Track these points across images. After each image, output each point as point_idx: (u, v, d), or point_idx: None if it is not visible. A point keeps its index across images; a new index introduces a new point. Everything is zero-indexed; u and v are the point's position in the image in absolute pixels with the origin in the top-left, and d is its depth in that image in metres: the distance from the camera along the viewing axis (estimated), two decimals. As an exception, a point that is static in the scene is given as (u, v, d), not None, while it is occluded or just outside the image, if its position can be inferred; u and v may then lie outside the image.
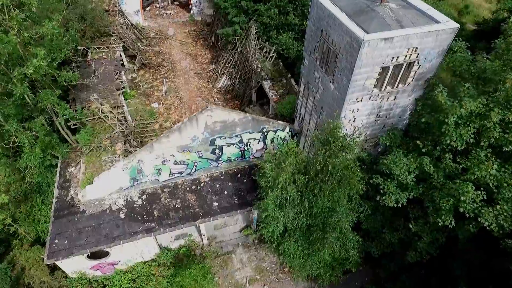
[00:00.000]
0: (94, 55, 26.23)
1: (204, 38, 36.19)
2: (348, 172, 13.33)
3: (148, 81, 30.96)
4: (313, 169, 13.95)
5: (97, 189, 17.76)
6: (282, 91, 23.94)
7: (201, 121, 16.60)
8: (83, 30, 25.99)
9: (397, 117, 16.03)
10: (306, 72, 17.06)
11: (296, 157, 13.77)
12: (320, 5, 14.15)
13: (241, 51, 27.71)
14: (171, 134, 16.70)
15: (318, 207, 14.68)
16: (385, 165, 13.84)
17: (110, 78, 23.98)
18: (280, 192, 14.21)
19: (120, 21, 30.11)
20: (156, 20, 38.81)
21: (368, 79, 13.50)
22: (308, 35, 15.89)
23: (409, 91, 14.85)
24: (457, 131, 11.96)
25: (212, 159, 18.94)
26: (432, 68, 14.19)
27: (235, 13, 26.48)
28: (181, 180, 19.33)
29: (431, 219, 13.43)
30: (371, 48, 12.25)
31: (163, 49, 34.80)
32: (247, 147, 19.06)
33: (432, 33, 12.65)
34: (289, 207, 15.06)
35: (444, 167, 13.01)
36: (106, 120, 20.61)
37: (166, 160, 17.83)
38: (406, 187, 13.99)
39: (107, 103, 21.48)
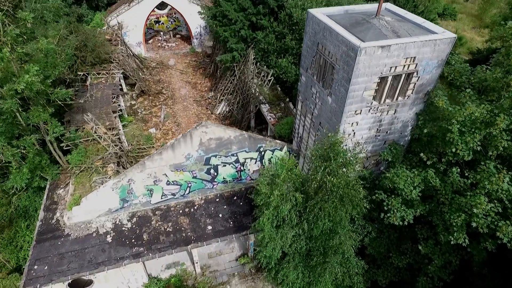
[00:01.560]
0: (94, 80, 26.38)
1: (204, 68, 36.79)
2: (350, 190, 12.46)
3: (146, 108, 30.93)
4: (312, 187, 13.09)
5: (84, 211, 16.77)
6: (280, 114, 23.64)
7: (196, 138, 16.03)
8: (84, 57, 26.38)
9: (398, 133, 15.44)
10: (303, 88, 16.78)
11: (291, 172, 12.96)
12: (315, 19, 14.17)
13: (239, 77, 27.89)
14: (164, 151, 16.06)
15: (318, 228, 13.61)
16: (387, 179, 13.00)
17: (107, 101, 23.85)
18: (274, 211, 13.24)
19: (121, 49, 30.71)
20: (158, 52, 39.80)
21: (367, 90, 13.11)
22: (304, 51, 15.81)
23: (410, 104, 14.40)
24: (462, 138, 11.28)
25: (207, 180, 18.11)
26: (432, 81, 13.86)
27: (234, 41, 26.98)
28: (174, 203, 18.34)
29: (441, 238, 12.32)
30: (368, 56, 11.98)
31: (163, 78, 35.24)
32: (243, 167, 18.30)
33: (430, 43, 12.45)
34: (287, 227, 13.99)
35: (452, 181, 12.16)
36: (100, 141, 20.08)
37: (158, 180, 17.02)
38: (411, 204, 13.03)
39: (102, 125, 21.10)
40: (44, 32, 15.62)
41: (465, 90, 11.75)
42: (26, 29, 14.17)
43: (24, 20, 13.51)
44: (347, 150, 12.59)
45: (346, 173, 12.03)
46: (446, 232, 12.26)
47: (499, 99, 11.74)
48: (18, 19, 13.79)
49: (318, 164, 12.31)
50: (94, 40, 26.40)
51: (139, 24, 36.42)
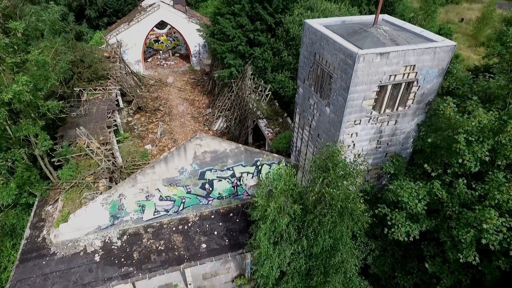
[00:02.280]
0: (90, 96, 26.11)
1: (202, 85, 36.77)
2: (349, 203, 11.74)
3: (143, 124, 30.55)
4: (310, 200, 12.39)
5: (72, 228, 15.95)
6: (278, 129, 23.19)
7: (190, 151, 15.47)
8: (81, 72, 26.25)
9: (400, 145, 14.90)
10: (301, 100, 16.39)
11: (289, 182, 12.28)
12: (312, 29, 13.95)
13: (237, 92, 27.67)
14: (157, 165, 15.44)
15: (318, 245, 12.78)
16: (391, 192, 12.31)
17: (102, 116, 23.46)
18: (271, 225, 12.46)
19: (119, 66, 30.69)
20: (157, 70, 39.93)
21: (366, 99, 12.68)
22: (302, 62, 15.53)
23: (410, 115, 13.94)
24: (470, 149, 10.70)
25: (201, 196, 17.38)
26: (433, 90, 13.46)
27: (232, 57, 26.97)
28: (167, 220, 17.53)
29: (450, 256, 11.50)
30: (367, 63, 11.62)
31: (161, 95, 35.10)
32: (240, 182, 17.62)
33: (429, 51, 12.13)
34: (285, 244, 13.16)
35: (458, 194, 11.49)
36: (92, 156, 19.49)
37: (150, 195, 16.30)
38: (417, 219, 12.28)
39: (96, 139, 20.58)
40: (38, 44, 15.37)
41: (470, 98, 11.28)
42: (18, 39, 13.92)
43: (14, 30, 13.26)
44: (347, 161, 11.98)
45: (346, 186, 11.35)
46: (455, 249, 11.46)
47: (505, 107, 11.26)
48: (9, 29, 13.53)
49: (316, 175, 11.66)
50: (92, 56, 26.37)
51: (138, 42, 36.70)
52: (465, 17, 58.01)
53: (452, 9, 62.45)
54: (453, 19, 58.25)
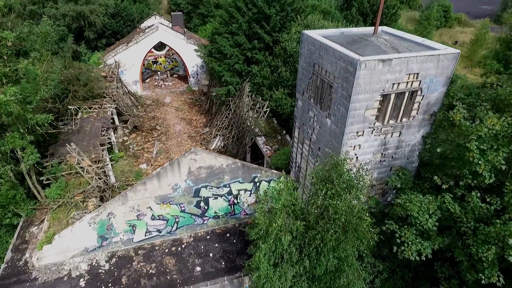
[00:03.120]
0: (85, 114, 25.59)
1: (200, 105, 36.47)
2: (354, 217, 10.86)
3: (139, 143, 29.86)
4: (312, 214, 11.51)
5: (56, 250, 14.86)
6: (276, 146, 22.51)
7: (184, 166, 14.68)
8: (76, 91, 25.87)
9: (405, 159, 14.18)
10: (300, 113, 15.82)
11: (291, 196, 11.43)
12: (311, 39, 13.61)
13: (234, 110, 27.23)
14: (149, 181, 14.61)
15: (322, 266, 11.75)
16: (399, 206, 11.45)
17: (96, 134, 22.81)
18: (273, 244, 11.48)
19: (116, 85, 30.42)
20: (154, 90, 39.77)
21: (368, 108, 12.09)
22: (300, 74, 15.10)
23: (415, 126, 13.33)
24: (484, 157, 9.98)
25: (196, 215, 16.40)
26: (438, 100, 12.92)
27: (229, 75, 26.77)
28: (159, 241, 16.44)
29: (468, 277, 10.47)
30: (369, 71, 11.13)
31: (158, 115, 34.67)
32: (237, 200, 16.70)
33: (433, 58, 11.69)
34: (286, 265, 12.10)
35: (472, 208, 10.64)
36: (82, 174, 18.64)
37: (142, 214, 15.33)
38: (428, 236, 11.34)
39: (88, 157, 19.80)
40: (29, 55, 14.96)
41: (480, 105, 10.71)
42: (7, 49, 13.51)
43: (4, 39, 12.85)
44: (351, 173, 11.20)
45: (350, 198, 10.52)
46: (473, 269, 10.46)
47: (516, 115, 10.65)
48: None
49: (318, 187, 10.84)
50: (88, 74, 26.09)
51: (136, 63, 36.73)
52: (459, 40, 59.05)
53: (445, 32, 63.72)
54: (447, 42, 59.23)
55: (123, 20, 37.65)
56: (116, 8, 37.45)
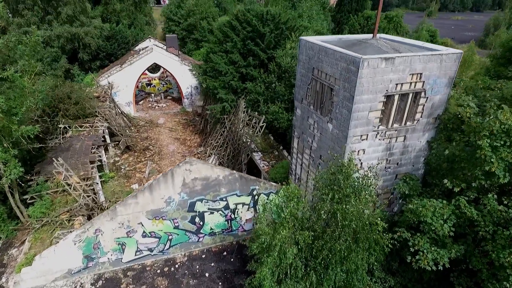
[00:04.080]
0: (75, 132, 24.78)
1: (194, 125, 35.94)
2: (366, 222, 10.01)
3: (131, 164, 28.85)
4: (319, 222, 10.65)
5: (37, 272, 13.54)
6: (274, 162, 21.80)
7: (178, 178, 13.82)
8: (67, 109, 25.21)
9: (411, 165, 13.57)
10: (299, 122, 15.29)
11: (299, 204, 10.57)
12: (309, 44, 13.35)
13: (230, 127, 26.70)
14: (140, 194, 13.66)
15: (330, 280, 10.74)
16: (411, 212, 10.66)
17: (85, 151, 21.90)
18: (278, 258, 10.48)
19: (109, 105, 29.86)
20: (148, 112, 39.27)
21: (372, 110, 11.60)
22: (298, 81, 14.73)
23: (420, 130, 12.84)
24: (497, 154, 9.41)
25: (191, 231, 15.32)
26: (442, 102, 12.55)
27: (224, 93, 26.52)
28: (150, 261, 15.20)
29: (489, 287, 9.54)
30: (372, 69, 10.74)
31: (151, 135, 33.94)
32: (234, 215, 15.72)
33: (436, 58, 11.41)
34: (291, 282, 11.03)
35: (489, 211, 9.92)
36: (70, 191, 17.56)
37: (132, 230, 14.23)
38: (443, 244, 10.49)
39: (76, 174, 18.78)
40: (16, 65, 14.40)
41: (490, 100, 10.29)
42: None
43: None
44: (358, 176, 10.48)
45: (359, 203, 9.73)
46: (494, 278, 9.57)
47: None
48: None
49: (324, 192, 10.05)
50: (79, 92, 25.56)
51: (130, 84, 36.43)
52: (448, 62, 60.47)
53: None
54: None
55: (118, 42, 37.80)
56: (111, 31, 37.67)
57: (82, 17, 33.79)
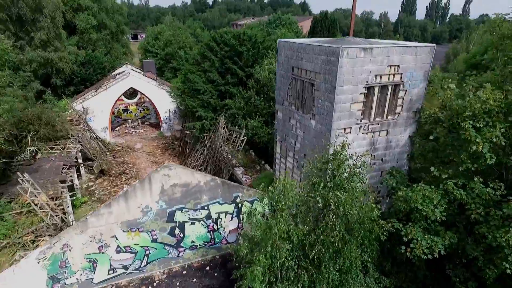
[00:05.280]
0: (46, 155, 23.36)
1: (173, 148, 35.06)
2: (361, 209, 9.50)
3: (106, 188, 27.31)
4: (310, 215, 10.06)
5: (-8, 299, 11.86)
6: (256, 176, 21.23)
7: (156, 184, 12.96)
8: (37, 130, 23.91)
9: (395, 162, 13.45)
10: (281, 125, 15.05)
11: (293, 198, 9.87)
12: (288, 44, 13.47)
13: (210, 145, 26.11)
14: (115, 203, 12.62)
15: (323, 281, 9.96)
16: (400, 199, 10.31)
17: (56, 171, 20.52)
18: (270, 256, 9.64)
19: (82, 128, 28.71)
20: (125, 137, 38.13)
21: (354, 102, 11.56)
22: (278, 83, 14.69)
23: (402, 125, 12.88)
24: (482, 134, 9.39)
25: (170, 245, 14.17)
26: (419, 97, 12.77)
27: (204, 111, 26.25)
28: (125, 280, 13.78)
29: (488, 273, 9.11)
30: (351, 59, 10.83)
31: (127, 160, 32.64)
32: (217, 225, 14.78)
33: (411, 50, 11.72)
34: (282, 285, 10.13)
35: (478, 194, 9.74)
36: (37, 210, 16.08)
37: (105, 245, 12.97)
38: (436, 231, 10.10)
39: (45, 193, 17.36)
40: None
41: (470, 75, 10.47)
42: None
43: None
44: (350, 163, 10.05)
45: (353, 189, 9.29)
46: (492, 264, 9.19)
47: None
48: None
49: (316, 181, 9.55)
50: (50, 113, 24.46)
51: (106, 109, 35.52)
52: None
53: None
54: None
55: (93, 68, 37.28)
56: (86, 57, 37.24)
57: (56, 42, 33.29)
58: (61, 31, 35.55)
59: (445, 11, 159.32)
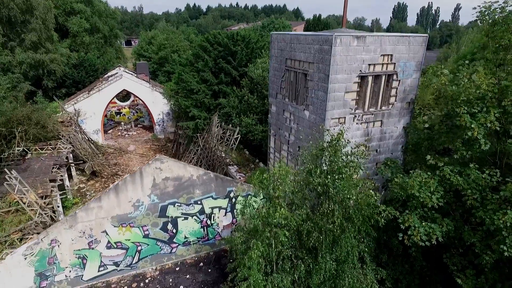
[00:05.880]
0: (36, 155, 22.90)
1: (167, 150, 34.69)
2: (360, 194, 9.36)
3: (97, 190, 26.83)
4: (307, 202, 9.89)
5: (-24, 297, 11.42)
6: (250, 174, 21.02)
7: (148, 177, 12.69)
8: (26, 130, 23.47)
9: (389, 153, 13.38)
10: (275, 118, 14.93)
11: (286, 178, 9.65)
12: (281, 36, 13.43)
13: (203, 145, 25.87)
14: (105, 197, 12.31)
15: (319, 271, 9.73)
16: (396, 185, 10.18)
17: (45, 171, 20.08)
18: (267, 244, 9.40)
19: (74, 129, 28.28)
20: (117, 140, 37.68)
21: (348, 91, 11.50)
22: (272, 76, 14.61)
23: (396, 115, 12.84)
24: (476, 120, 9.34)
25: (163, 241, 13.84)
26: (413, 88, 12.76)
27: (197, 111, 26.08)
28: (116, 278, 13.40)
29: (486, 259, 8.98)
30: (344, 47, 10.79)
31: (120, 162, 32.21)
32: (211, 220, 14.51)
33: (404, 40, 11.74)
34: (278, 276, 9.87)
35: (474, 180, 9.65)
36: (25, 208, 15.64)
37: (95, 240, 12.61)
38: (433, 218, 9.98)
39: (34, 191, 16.93)
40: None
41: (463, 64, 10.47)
42: None
43: None
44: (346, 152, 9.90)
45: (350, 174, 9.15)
46: (489, 249, 9.08)
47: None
48: None
49: (312, 168, 9.37)
50: (41, 113, 24.06)
51: (98, 111, 35.14)
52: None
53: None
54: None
55: (86, 70, 36.94)
56: (79, 59, 36.92)
57: (47, 44, 32.96)
58: (53, 33, 35.26)
59: (435, 17, 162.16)
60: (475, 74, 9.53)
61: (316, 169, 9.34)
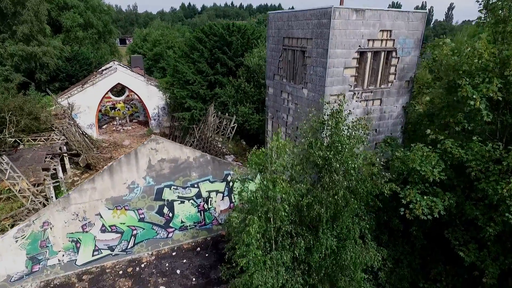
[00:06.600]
0: (28, 146, 22.45)
1: (162, 144, 34.32)
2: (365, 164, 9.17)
3: (91, 182, 26.38)
4: (308, 174, 9.65)
5: (-34, 281, 11.03)
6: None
7: (143, 159, 12.39)
8: (18, 121, 22.99)
9: (389, 133, 13.21)
10: (272, 100, 14.71)
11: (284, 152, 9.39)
12: (278, 15, 13.22)
13: (200, 136, 25.57)
14: (98, 178, 11.98)
15: (320, 248, 9.50)
16: (398, 160, 9.98)
17: (38, 160, 19.65)
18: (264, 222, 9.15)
19: (67, 122, 27.81)
20: (112, 135, 37.22)
21: (347, 66, 11.31)
22: (269, 57, 14.39)
23: (395, 94, 12.68)
24: (478, 91, 9.17)
25: (159, 225, 13.53)
26: (412, 65, 12.60)
27: (193, 102, 25.78)
28: (111, 263, 13.06)
29: (489, 231, 8.81)
30: (343, 20, 10.59)
31: (115, 156, 31.75)
32: (208, 205, 14.23)
33: (403, 15, 11.58)
34: (277, 253, 9.62)
35: (477, 152, 9.48)
36: (16, 193, 15.24)
37: (89, 223, 12.27)
38: (435, 193, 9.80)
39: (26, 178, 16.51)
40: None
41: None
42: None
43: None
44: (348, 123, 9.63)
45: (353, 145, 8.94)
46: (492, 222, 8.92)
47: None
48: None
49: (313, 140, 9.15)
50: (33, 103, 23.60)
51: (92, 106, 34.63)
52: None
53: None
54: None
55: (80, 63, 36.45)
56: (72, 53, 36.41)
57: (40, 36, 32.45)
58: (45, 25, 34.72)
59: (429, 17, 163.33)
60: (477, 43, 9.38)
61: (317, 141, 9.13)
